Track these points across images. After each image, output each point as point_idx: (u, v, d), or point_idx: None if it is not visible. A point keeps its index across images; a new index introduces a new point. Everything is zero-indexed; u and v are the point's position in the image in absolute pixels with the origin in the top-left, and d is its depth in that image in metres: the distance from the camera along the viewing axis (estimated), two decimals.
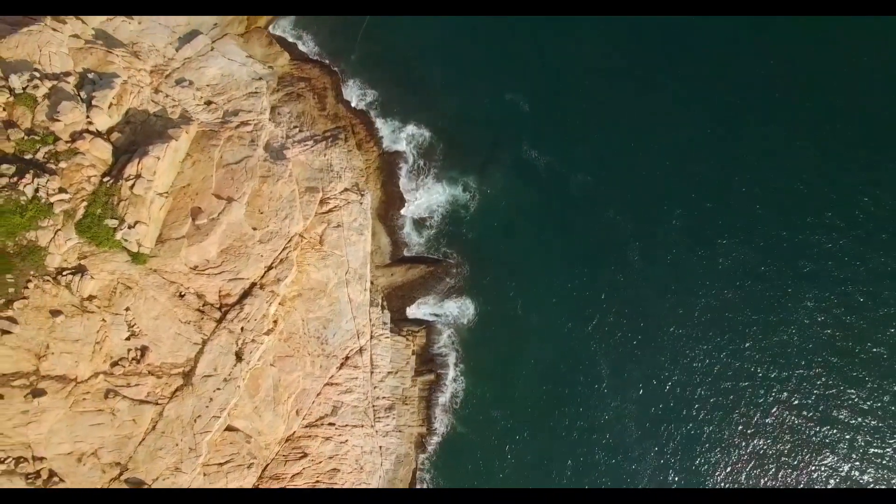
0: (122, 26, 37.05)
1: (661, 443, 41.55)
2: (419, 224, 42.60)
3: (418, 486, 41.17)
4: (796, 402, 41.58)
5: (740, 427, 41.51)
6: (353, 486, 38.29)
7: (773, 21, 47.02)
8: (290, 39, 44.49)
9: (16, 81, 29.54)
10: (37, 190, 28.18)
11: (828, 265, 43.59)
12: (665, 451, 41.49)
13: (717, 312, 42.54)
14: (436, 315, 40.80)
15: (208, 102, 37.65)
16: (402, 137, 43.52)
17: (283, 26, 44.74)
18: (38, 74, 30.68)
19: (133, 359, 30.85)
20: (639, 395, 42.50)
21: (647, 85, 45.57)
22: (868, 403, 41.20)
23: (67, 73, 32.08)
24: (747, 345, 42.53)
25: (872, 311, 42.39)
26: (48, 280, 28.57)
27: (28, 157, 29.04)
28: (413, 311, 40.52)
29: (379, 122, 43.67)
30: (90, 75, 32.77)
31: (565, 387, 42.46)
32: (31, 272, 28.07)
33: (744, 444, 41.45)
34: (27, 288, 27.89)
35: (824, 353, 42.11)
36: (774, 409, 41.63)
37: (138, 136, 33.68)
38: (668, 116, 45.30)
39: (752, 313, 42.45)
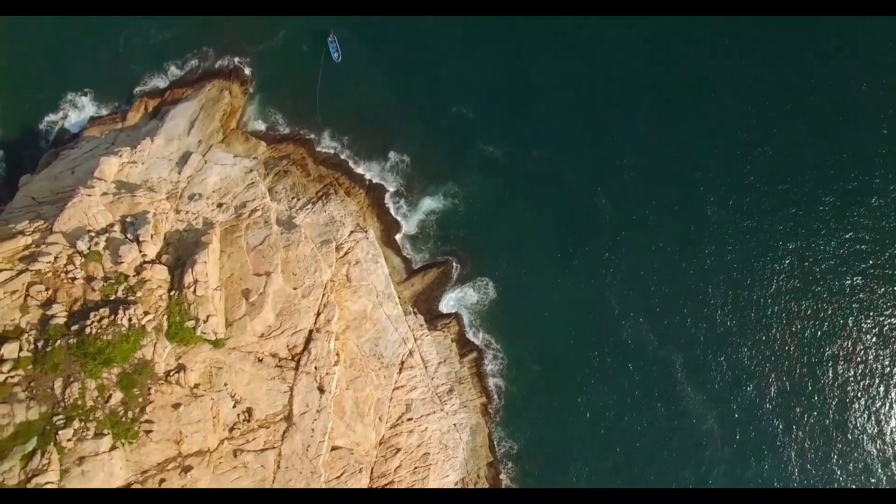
0: (131, 171, 44.64)
1: (671, 348, 49.51)
2: (419, 238, 50.18)
3: (496, 447, 48.67)
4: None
5: (727, 326, 49.80)
6: (444, 463, 45.86)
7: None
8: (260, 128, 51.78)
9: (81, 245, 37.10)
10: (130, 320, 35.65)
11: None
12: (677, 351, 49.44)
13: (677, 232, 51.19)
14: (460, 303, 48.49)
15: (219, 205, 45.21)
16: (379, 173, 50.99)
17: (249, 123, 51.88)
18: (93, 234, 38.24)
19: (243, 420, 38.44)
20: (646, 314, 50.36)
21: (563, 68, 53.40)
22: None
23: (112, 225, 39.64)
24: (714, 251, 50.99)
25: None
26: (162, 383, 36.12)
27: (112, 297, 36.57)
28: (440, 307, 48.22)
29: (356, 169, 50.96)
30: (128, 219, 40.33)
31: (585, 324, 50.23)
32: (149, 381, 35.59)
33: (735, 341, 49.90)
34: (150, 394, 35.42)
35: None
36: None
37: (180, 251, 41.24)
38: (591, 88, 53.34)
39: (696, 227, 51.01)
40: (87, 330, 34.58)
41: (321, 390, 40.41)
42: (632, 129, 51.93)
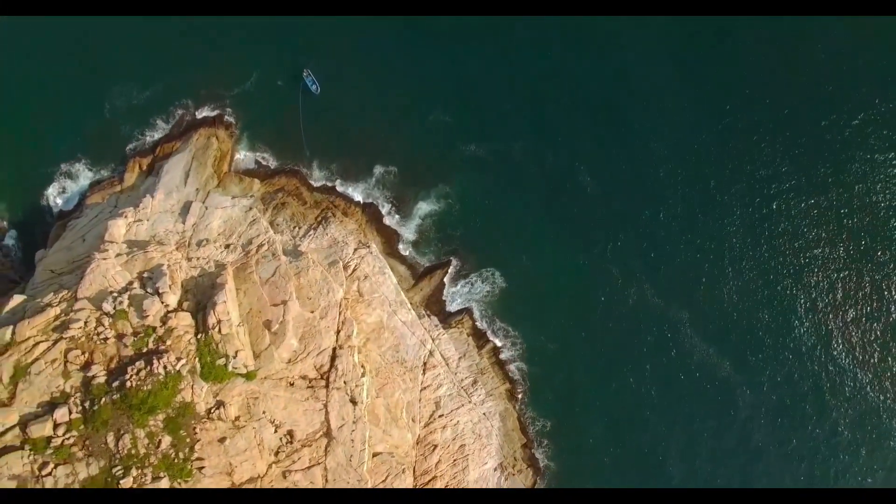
0: (139, 229, 46.77)
1: (676, 306, 52.25)
2: (420, 242, 52.26)
3: (528, 428, 50.71)
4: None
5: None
6: (480, 451, 47.97)
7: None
8: (252, 167, 53.61)
9: (107, 306, 39.26)
10: (165, 367, 37.79)
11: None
12: (681, 308, 52.11)
13: (659, 197, 53.81)
14: (470, 298, 50.65)
15: (227, 246, 47.37)
16: (370, 190, 52.96)
17: (241, 163, 53.89)
18: (115, 294, 40.38)
19: (286, 443, 40.66)
20: (648, 279, 52.66)
21: (529, 61, 55.60)
22: None
23: (131, 283, 41.79)
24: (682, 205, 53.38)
25: None
26: (205, 420, 38.29)
27: (144, 350, 38.73)
28: (451, 306, 50.37)
29: (348, 189, 52.85)
30: (145, 275, 42.49)
31: (592, 297, 52.37)
32: (193, 421, 37.77)
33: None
34: (196, 433, 37.60)
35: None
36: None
37: (198, 296, 43.38)
38: (557, 76, 55.37)
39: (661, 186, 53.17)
40: (128, 384, 36.71)
41: (353, 402, 42.58)
42: (602, 111, 54.53)
